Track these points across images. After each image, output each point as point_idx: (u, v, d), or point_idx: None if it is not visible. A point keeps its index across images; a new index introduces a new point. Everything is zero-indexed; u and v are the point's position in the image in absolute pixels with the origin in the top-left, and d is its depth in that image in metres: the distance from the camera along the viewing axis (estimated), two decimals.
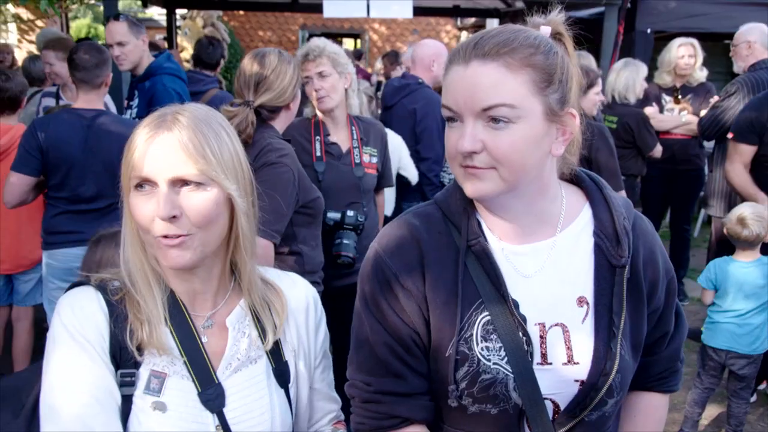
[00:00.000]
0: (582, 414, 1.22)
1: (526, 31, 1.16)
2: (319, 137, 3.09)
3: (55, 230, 3.16)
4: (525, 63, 1.12)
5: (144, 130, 1.21)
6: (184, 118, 1.21)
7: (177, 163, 1.17)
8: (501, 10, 9.36)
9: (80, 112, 3.20)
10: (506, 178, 1.14)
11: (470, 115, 1.13)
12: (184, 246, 1.19)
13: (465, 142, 1.12)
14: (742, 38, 4.49)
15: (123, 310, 1.23)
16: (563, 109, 1.17)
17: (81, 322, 1.20)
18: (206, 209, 1.20)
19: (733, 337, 3.40)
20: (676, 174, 5.33)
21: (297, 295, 1.43)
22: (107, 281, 1.28)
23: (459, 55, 1.15)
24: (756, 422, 3.82)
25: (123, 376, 1.21)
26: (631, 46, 6.05)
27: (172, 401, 1.22)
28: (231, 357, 1.30)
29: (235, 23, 14.97)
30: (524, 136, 1.12)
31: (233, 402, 1.27)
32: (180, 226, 1.18)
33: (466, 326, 1.20)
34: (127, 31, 3.77)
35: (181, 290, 1.29)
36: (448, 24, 15.78)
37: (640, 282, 1.27)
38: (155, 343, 1.21)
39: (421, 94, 4.26)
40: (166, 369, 1.24)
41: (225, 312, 1.33)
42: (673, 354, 1.41)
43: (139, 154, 1.18)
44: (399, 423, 1.25)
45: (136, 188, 1.19)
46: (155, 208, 1.17)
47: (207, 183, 1.20)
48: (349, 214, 2.98)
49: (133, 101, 3.93)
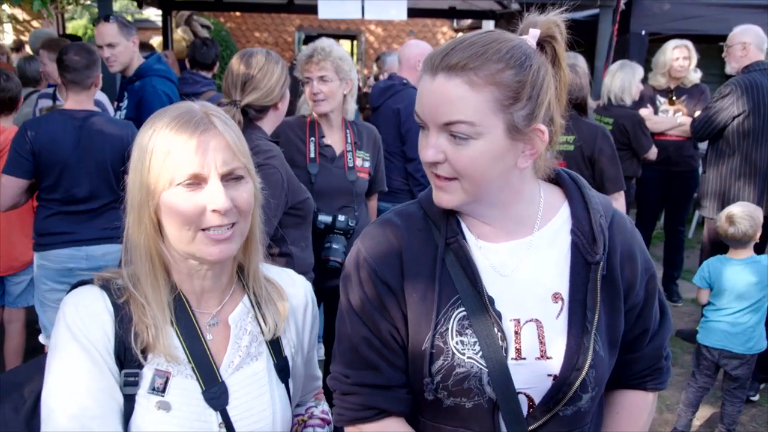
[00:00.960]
0: (556, 408, 1.23)
1: (500, 43, 1.16)
2: (313, 138, 3.09)
3: (48, 231, 3.15)
4: (490, 81, 1.13)
5: (179, 131, 1.21)
6: (217, 115, 1.26)
7: (228, 158, 1.23)
8: (497, 12, 9.36)
9: (71, 113, 3.20)
10: (468, 190, 1.19)
11: (434, 126, 1.17)
12: (231, 239, 1.25)
13: (428, 153, 1.18)
14: (737, 39, 4.50)
15: (128, 312, 1.25)
16: (530, 126, 1.17)
17: (85, 323, 1.22)
18: (250, 199, 1.28)
19: (726, 336, 3.42)
20: (671, 175, 5.35)
21: (297, 293, 1.47)
22: (110, 280, 1.29)
23: (429, 63, 1.18)
24: (749, 423, 3.83)
25: (127, 375, 1.23)
26: (625, 48, 6.07)
27: (176, 400, 1.25)
28: (233, 354, 1.33)
29: (231, 24, 14.96)
30: (483, 152, 1.15)
31: (236, 399, 1.30)
32: (230, 217, 1.23)
33: (442, 320, 1.22)
34: (117, 33, 3.76)
35: (189, 289, 1.32)
36: (444, 25, 15.78)
37: (616, 279, 1.29)
38: (161, 349, 1.24)
39: (406, 95, 4.28)
40: (170, 368, 1.26)
41: (229, 309, 1.36)
42: (656, 351, 1.42)
43: (186, 153, 1.20)
44: (376, 414, 1.28)
45: (179, 186, 1.21)
46: (207, 201, 1.21)
47: (246, 176, 1.28)
48: (340, 219, 2.98)
49: (123, 102, 3.92)
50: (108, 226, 3.02)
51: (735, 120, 4.34)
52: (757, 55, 4.45)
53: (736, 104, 4.31)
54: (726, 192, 4.40)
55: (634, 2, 6.09)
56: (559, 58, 1.23)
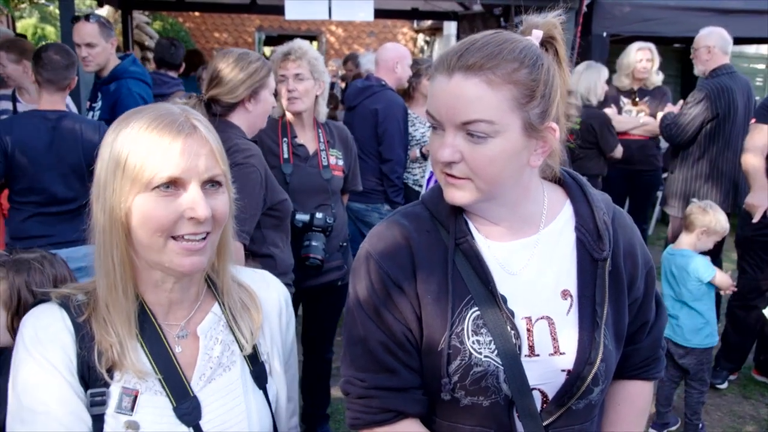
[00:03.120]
0: (569, 402, 1.26)
1: (512, 43, 1.18)
2: (286, 139, 3.11)
3: (26, 235, 3.08)
4: (507, 79, 1.14)
5: (159, 133, 1.15)
6: (199, 120, 1.21)
7: (211, 164, 1.18)
8: (459, 13, 9.47)
9: (44, 114, 3.14)
10: (482, 189, 1.20)
11: (451, 126, 1.17)
12: (203, 251, 1.19)
13: (444, 153, 1.18)
14: (702, 42, 4.61)
15: (90, 330, 1.18)
16: (543, 124, 1.20)
17: (45, 345, 1.16)
18: (226, 209, 1.22)
19: (668, 326, 3.48)
20: (634, 174, 5.49)
21: (270, 297, 1.42)
22: (70, 297, 1.23)
23: (444, 64, 1.18)
24: (714, 411, 3.96)
25: (93, 395, 1.17)
26: (588, 50, 6.21)
27: (146, 419, 1.19)
28: (204, 367, 1.27)
29: (190, 24, 14.76)
30: (502, 151, 1.16)
31: (209, 413, 1.25)
32: (206, 226, 1.18)
33: (457, 321, 1.23)
34: (97, 33, 3.71)
35: (155, 301, 1.26)
36: (405, 26, 15.88)
37: (620, 274, 1.32)
38: (129, 366, 1.18)
39: (384, 96, 4.32)
40: (138, 386, 1.20)
41: (198, 319, 1.30)
42: (654, 342, 1.46)
43: (165, 155, 1.14)
44: (393, 417, 1.27)
45: (155, 190, 1.14)
46: (186, 208, 1.15)
47: (224, 184, 1.23)
48: (318, 216, 2.99)
49: (96, 103, 3.85)
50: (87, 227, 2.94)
51: (708, 124, 4.50)
52: (722, 58, 4.58)
53: (709, 111, 4.45)
54: (693, 193, 4.54)
55: (595, 5, 6.24)
56: (560, 58, 1.25)
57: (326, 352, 3.47)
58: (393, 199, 4.33)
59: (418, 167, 4.68)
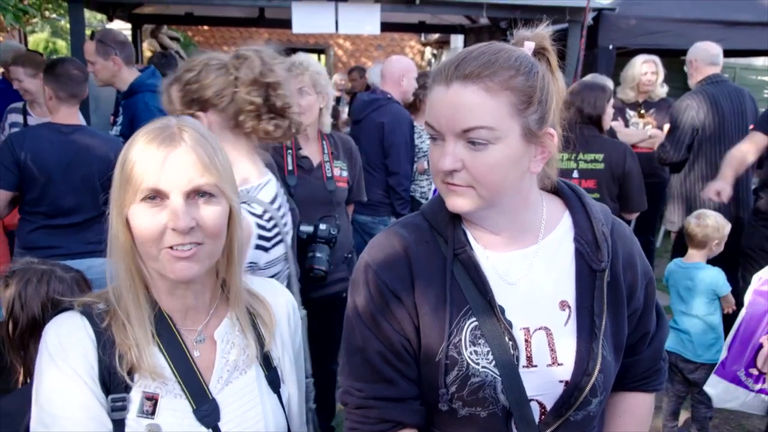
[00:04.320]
0: (567, 413, 1.26)
1: (507, 51, 1.20)
2: (290, 151, 3.13)
3: (33, 246, 3.11)
4: (504, 86, 1.16)
5: (148, 144, 1.20)
6: (190, 131, 1.23)
7: (194, 175, 1.19)
8: (466, 26, 9.52)
9: (59, 127, 3.20)
10: (484, 196, 1.21)
11: (451, 135, 1.18)
12: (194, 258, 1.21)
13: (445, 162, 1.19)
14: (688, 57, 4.80)
15: (111, 336, 1.22)
16: (542, 129, 1.21)
17: (67, 352, 1.19)
18: (219, 220, 1.23)
19: (677, 340, 3.47)
20: None
21: (278, 303, 1.46)
22: (92, 305, 1.27)
23: (441, 75, 1.20)
24: (722, 425, 3.93)
25: (114, 401, 1.20)
26: (594, 62, 6.23)
27: (167, 421, 1.22)
28: (221, 370, 1.31)
29: (199, 38, 14.89)
30: (502, 157, 1.18)
31: (227, 415, 1.28)
32: (192, 237, 1.20)
33: (454, 332, 1.24)
34: (93, 52, 3.76)
35: (171, 307, 1.29)
36: (412, 39, 15.94)
37: (619, 285, 1.32)
38: (146, 368, 1.21)
39: (390, 109, 4.33)
40: (159, 389, 1.23)
41: (215, 324, 1.34)
42: (655, 354, 1.46)
43: (149, 166, 1.18)
44: (391, 427, 1.28)
45: (143, 201, 1.19)
46: (168, 219, 1.17)
47: (218, 195, 1.23)
48: (322, 228, 2.99)
49: (118, 117, 3.90)
50: (93, 240, 3.02)
51: (699, 132, 4.53)
52: (708, 69, 4.67)
53: (696, 116, 4.50)
54: (692, 203, 4.56)
55: (601, 18, 6.27)
56: (552, 68, 1.27)
57: (331, 363, 3.46)
58: (400, 212, 4.33)
59: (425, 180, 4.70)
